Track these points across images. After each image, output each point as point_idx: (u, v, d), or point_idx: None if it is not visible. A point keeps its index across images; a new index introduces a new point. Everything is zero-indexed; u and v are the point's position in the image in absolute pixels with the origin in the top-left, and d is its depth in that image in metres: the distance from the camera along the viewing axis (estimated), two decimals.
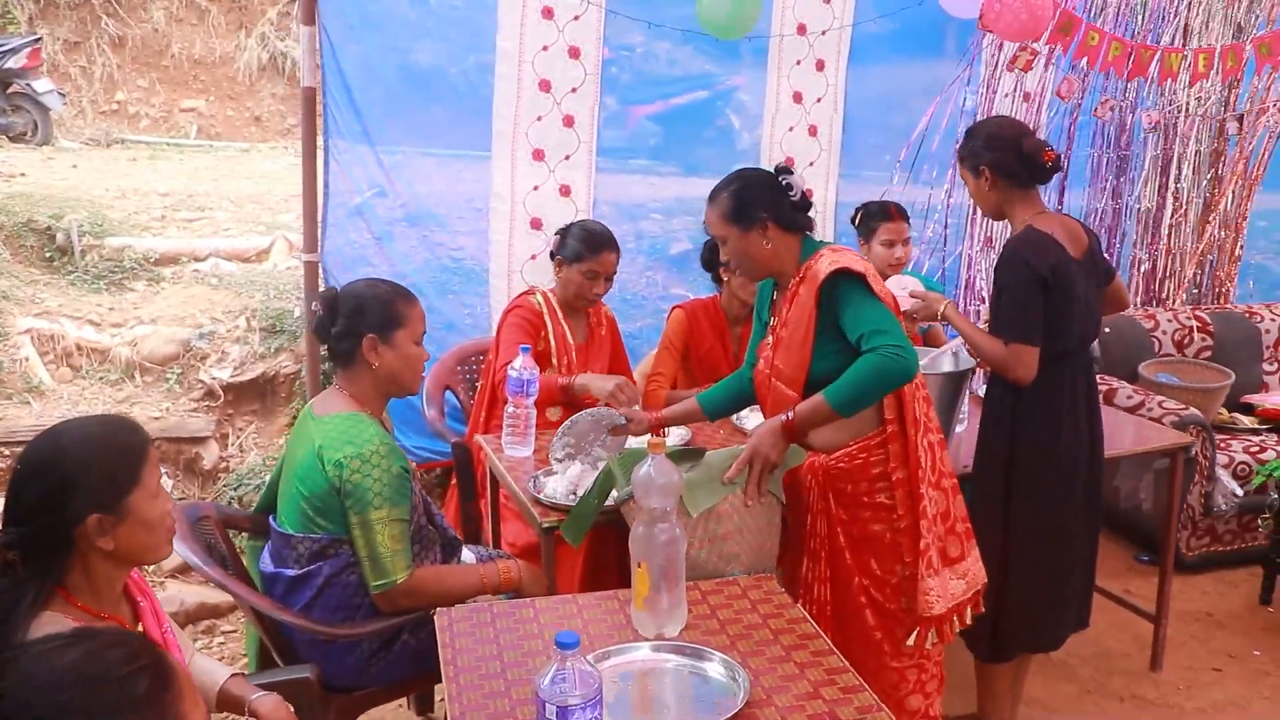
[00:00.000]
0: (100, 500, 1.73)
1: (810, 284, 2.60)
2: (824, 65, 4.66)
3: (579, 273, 3.55)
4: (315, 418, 2.57)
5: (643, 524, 2.20)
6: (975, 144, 3.10)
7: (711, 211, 2.73)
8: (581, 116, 4.38)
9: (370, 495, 2.44)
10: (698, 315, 3.87)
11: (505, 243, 4.41)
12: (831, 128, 4.75)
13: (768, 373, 2.75)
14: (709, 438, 3.49)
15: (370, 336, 2.55)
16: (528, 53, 4.26)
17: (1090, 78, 4.60)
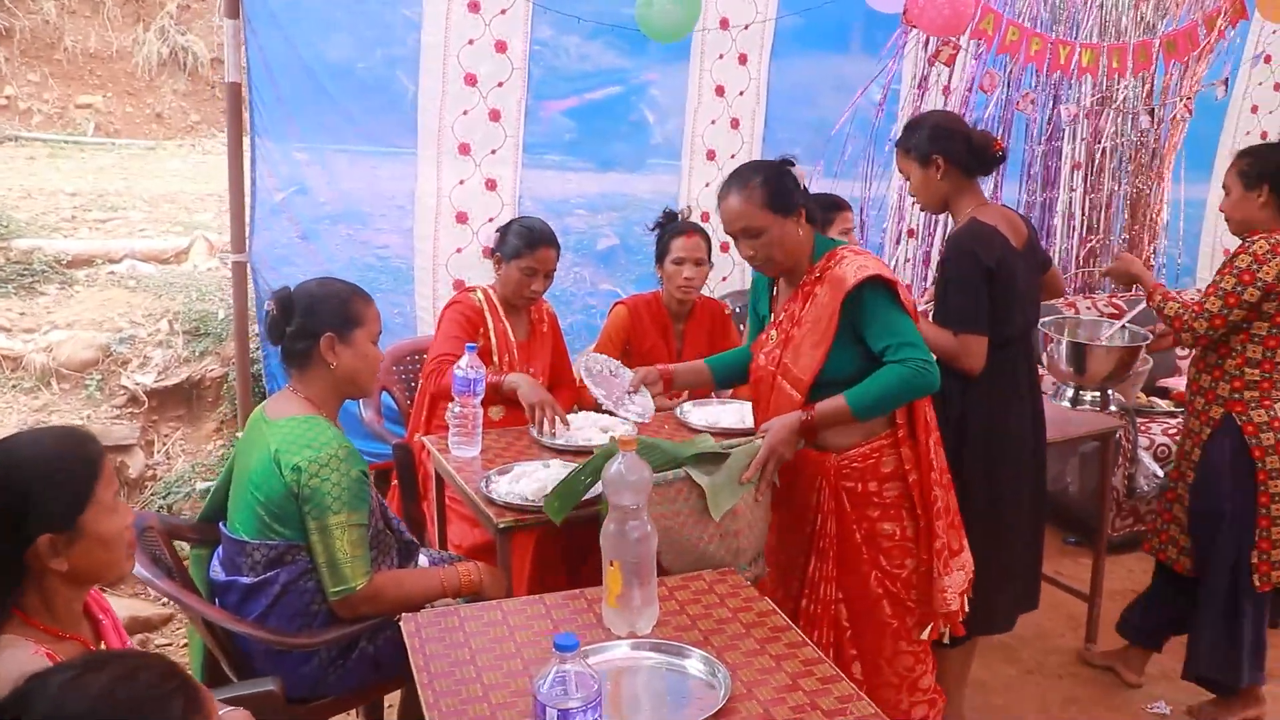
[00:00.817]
0: (51, 520, 1.64)
1: (835, 287, 2.57)
2: (746, 59, 4.69)
3: (518, 270, 3.52)
4: (269, 421, 2.49)
5: (614, 522, 2.19)
6: (921, 135, 3.13)
7: (743, 201, 2.60)
8: (508, 111, 4.35)
9: (329, 500, 2.38)
10: (640, 311, 3.87)
11: (431, 237, 4.37)
12: (754, 121, 4.79)
13: (772, 370, 2.69)
14: (654, 430, 3.48)
15: (328, 335, 2.48)
16: (453, 47, 4.21)
17: (1016, 72, 4.70)
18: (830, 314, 2.55)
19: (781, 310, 2.72)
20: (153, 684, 1.16)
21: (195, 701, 1.19)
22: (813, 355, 2.58)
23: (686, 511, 2.46)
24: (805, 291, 2.65)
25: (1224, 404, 3.29)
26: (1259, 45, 5.62)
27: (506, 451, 3.26)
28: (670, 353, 3.89)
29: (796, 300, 2.67)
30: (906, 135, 3.23)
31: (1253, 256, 3.17)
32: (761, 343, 2.78)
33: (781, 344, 2.68)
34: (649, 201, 4.95)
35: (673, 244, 3.78)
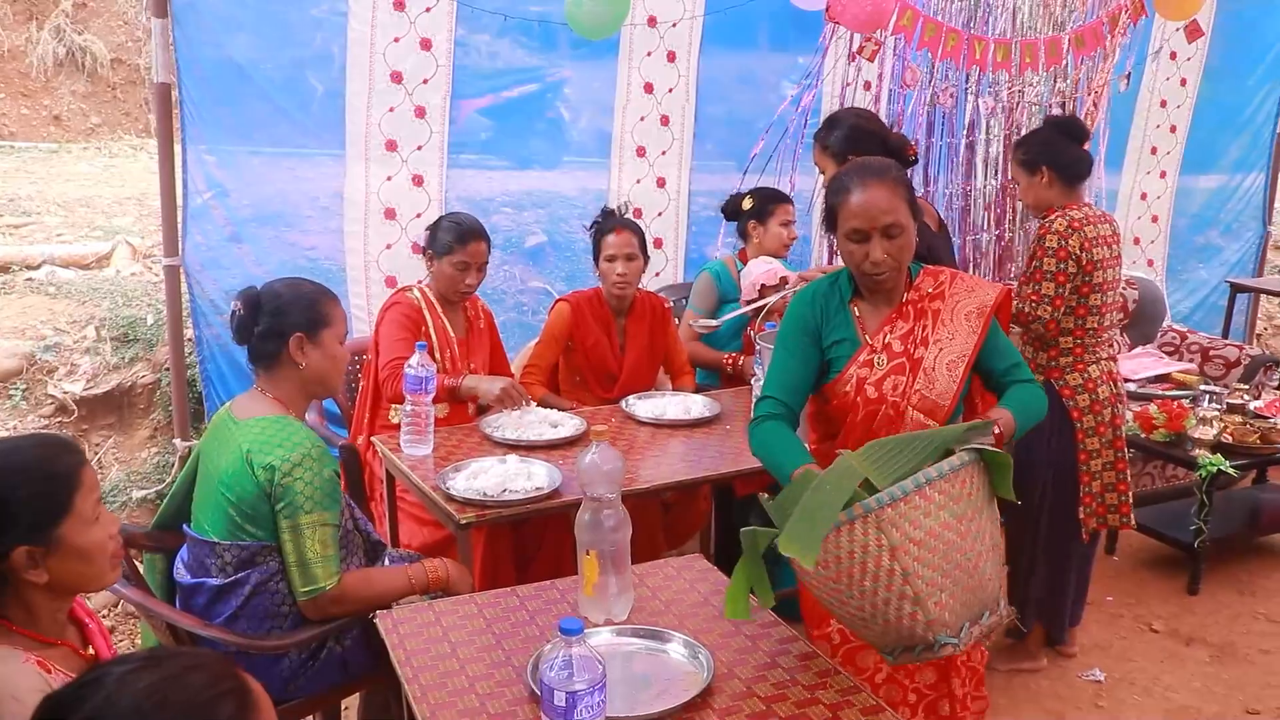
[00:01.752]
0: (27, 531, 1.61)
1: (970, 304, 2.42)
2: (675, 56, 4.74)
3: (450, 265, 3.53)
4: (237, 421, 2.48)
5: (589, 511, 2.22)
6: (839, 134, 3.27)
7: (890, 195, 2.36)
8: (433, 108, 4.34)
9: (301, 499, 2.38)
10: (582, 308, 3.90)
11: (360, 234, 4.33)
12: (684, 117, 4.83)
13: (897, 400, 2.40)
14: (601, 424, 3.52)
15: (298, 335, 2.49)
16: (380, 44, 4.18)
17: (938, 68, 4.83)
18: (971, 330, 2.40)
19: (883, 333, 2.45)
20: (203, 685, 1.15)
21: (247, 706, 1.18)
22: (952, 376, 2.38)
23: (971, 514, 1.93)
24: (919, 310, 2.45)
25: (1043, 371, 3.51)
26: (1159, 42, 5.87)
27: (458, 449, 3.27)
28: (613, 348, 3.93)
29: (908, 320, 2.45)
30: (824, 132, 3.35)
31: (1058, 235, 3.40)
32: (855, 375, 2.44)
33: (904, 370, 2.41)
34: (574, 199, 4.99)
35: (604, 241, 3.82)
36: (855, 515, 1.82)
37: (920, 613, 1.83)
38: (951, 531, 1.85)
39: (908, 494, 1.79)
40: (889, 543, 1.80)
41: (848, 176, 2.40)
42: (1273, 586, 4.33)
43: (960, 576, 1.88)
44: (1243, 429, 4.30)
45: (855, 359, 2.45)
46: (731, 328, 4.32)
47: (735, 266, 4.33)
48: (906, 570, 1.81)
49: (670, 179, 4.88)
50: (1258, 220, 6.56)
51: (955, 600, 1.87)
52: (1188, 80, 6.13)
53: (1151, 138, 6.18)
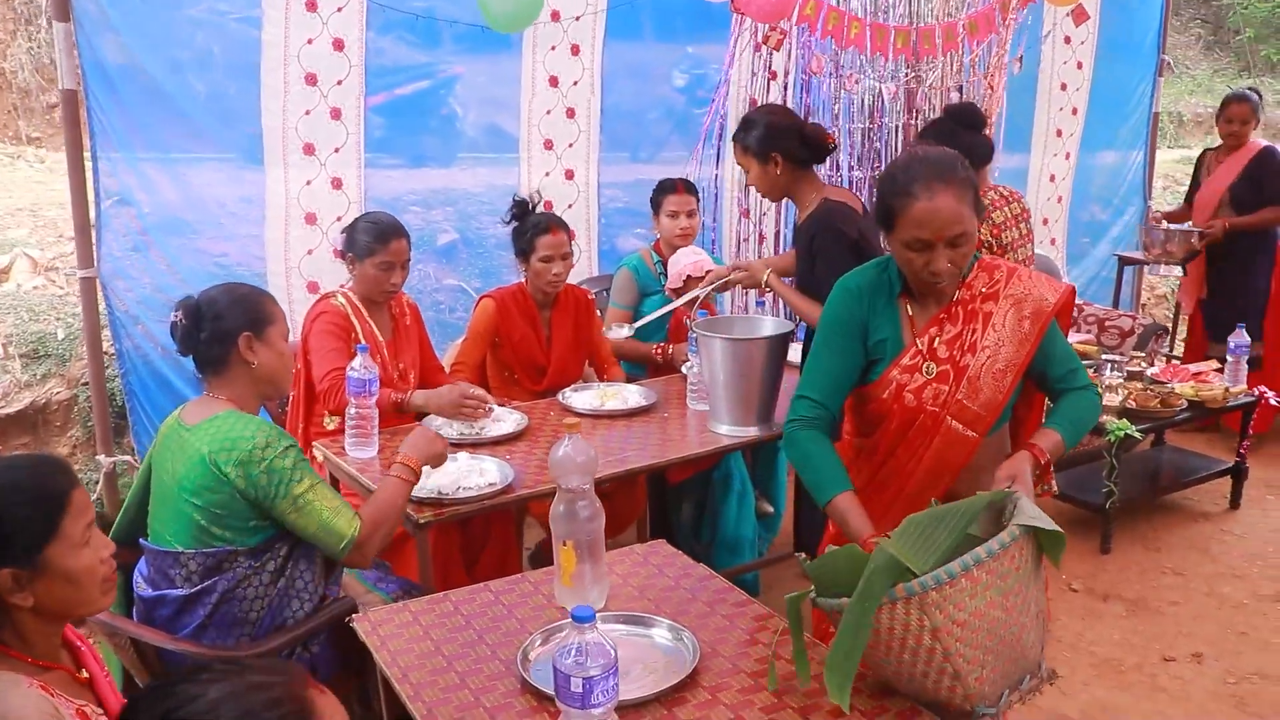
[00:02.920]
0: (14, 554, 1.58)
1: (1032, 306, 2.27)
2: (579, 49, 4.77)
3: (373, 266, 3.50)
4: (189, 427, 2.45)
5: (563, 503, 2.25)
6: (757, 133, 3.34)
7: (960, 202, 2.16)
8: (348, 109, 4.30)
9: (286, 473, 2.39)
10: (508, 304, 3.90)
11: (281, 240, 4.27)
12: (590, 110, 4.86)
13: (936, 410, 2.28)
14: (541, 417, 3.55)
15: (246, 335, 2.48)
16: (294, 46, 4.12)
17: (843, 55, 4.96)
18: (1025, 336, 2.25)
19: (930, 335, 2.30)
20: (260, 707, 1.15)
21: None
22: (998, 386, 2.24)
23: (1019, 588, 1.80)
24: (970, 312, 2.29)
25: None
26: (1050, 25, 6.10)
27: None
28: (540, 341, 3.95)
29: (956, 323, 2.29)
30: (743, 132, 3.41)
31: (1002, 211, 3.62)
32: (895, 380, 2.32)
33: (948, 378, 2.27)
34: (480, 194, 4.95)
35: (538, 242, 3.82)
36: (898, 597, 1.75)
37: (960, 687, 1.79)
38: (997, 609, 1.76)
39: (954, 577, 1.71)
40: (931, 624, 1.73)
41: (911, 177, 2.18)
42: (1175, 542, 4.57)
43: (1003, 650, 1.80)
44: (1144, 394, 4.53)
45: (898, 362, 2.31)
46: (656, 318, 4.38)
47: (651, 258, 4.38)
48: (949, 650, 1.75)
49: (579, 171, 4.91)
50: (1139, 196, 6.88)
51: (996, 673, 1.81)
52: (1083, 63, 6.40)
53: (1055, 120, 6.43)
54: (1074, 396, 2.32)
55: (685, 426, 3.53)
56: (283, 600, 2.52)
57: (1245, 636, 3.84)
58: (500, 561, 3.51)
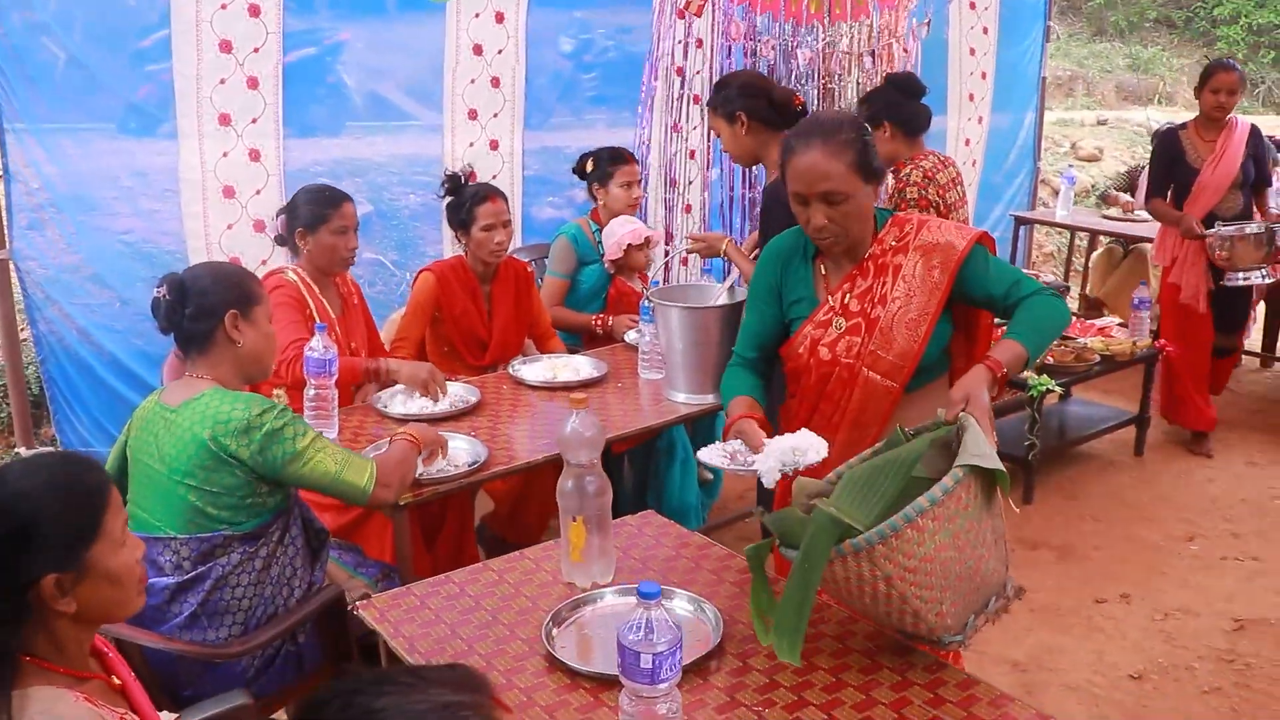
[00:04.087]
0: (57, 557, 1.48)
1: (941, 254, 2.28)
2: (503, 17, 4.68)
3: (329, 232, 3.38)
4: (173, 408, 2.37)
5: (571, 479, 2.23)
6: (729, 93, 3.35)
7: (830, 158, 2.21)
8: (265, 77, 4.14)
9: (287, 434, 2.37)
10: (448, 277, 3.83)
11: (200, 215, 4.11)
12: (514, 78, 4.78)
13: (851, 362, 2.32)
14: (494, 391, 3.50)
15: (232, 313, 2.42)
16: (205, 12, 3.94)
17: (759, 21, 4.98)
18: (934, 285, 2.27)
19: (842, 292, 2.35)
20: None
21: None
22: (912, 335, 2.27)
23: (970, 525, 1.84)
24: (880, 266, 2.32)
25: None
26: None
27: (361, 429, 3.19)
28: (481, 315, 3.89)
29: (867, 277, 2.33)
30: (715, 94, 3.44)
31: (916, 185, 3.68)
32: (809, 335, 2.38)
33: (860, 330, 2.32)
34: (387, 164, 4.79)
35: (479, 210, 3.75)
36: (845, 552, 1.77)
37: (923, 624, 1.84)
38: (948, 550, 1.79)
39: (898, 530, 1.74)
40: (883, 574, 1.77)
41: (795, 135, 2.29)
42: (1091, 490, 4.79)
43: (961, 585, 1.84)
44: (1060, 350, 4.71)
45: (812, 318, 2.37)
46: (591, 288, 4.35)
47: (590, 228, 4.35)
48: (904, 595, 1.79)
49: (504, 140, 4.82)
50: (1030, 158, 7.12)
51: (957, 606, 1.85)
52: (988, 29, 6.55)
53: (968, 85, 6.57)
54: (1027, 304, 2.27)
55: (641, 396, 3.53)
56: (275, 588, 2.46)
57: (1165, 576, 4.04)
58: (457, 538, 3.46)
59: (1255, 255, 4.72)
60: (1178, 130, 5.05)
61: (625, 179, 4.32)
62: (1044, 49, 7.00)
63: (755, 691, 1.87)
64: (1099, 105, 13.71)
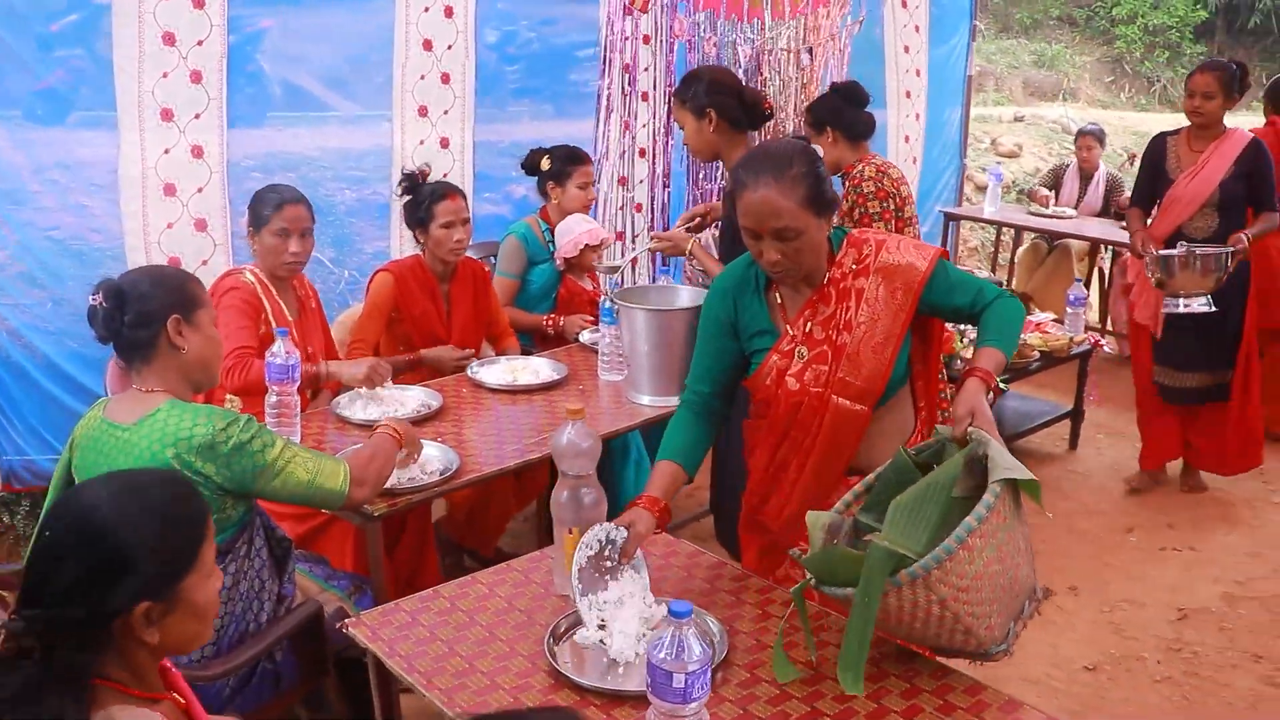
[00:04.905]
0: (151, 587, 1.43)
1: (902, 276, 2.25)
2: (453, 11, 4.60)
3: (270, 234, 3.31)
4: (126, 427, 2.26)
5: (566, 489, 2.21)
6: (698, 88, 3.35)
7: (782, 196, 2.14)
8: (210, 71, 4.00)
9: (256, 445, 2.28)
10: (406, 277, 3.76)
11: (139, 214, 3.95)
12: (465, 74, 4.70)
13: (820, 390, 2.28)
14: (454, 395, 3.45)
15: (174, 318, 2.30)
16: (148, 2, 3.79)
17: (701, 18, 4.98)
18: (899, 307, 2.25)
19: (804, 320, 2.31)
20: None
21: None
22: (879, 359, 2.25)
23: (1009, 537, 1.88)
24: (842, 291, 2.28)
25: None
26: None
27: (322, 434, 3.13)
28: (441, 315, 3.83)
29: (829, 303, 2.29)
30: (684, 88, 3.42)
31: (871, 179, 3.71)
32: (774, 366, 2.33)
33: (826, 358, 2.28)
34: (320, 160, 4.61)
35: (438, 209, 3.69)
36: (902, 583, 1.79)
37: (973, 639, 1.87)
38: (994, 564, 1.83)
39: (952, 553, 1.76)
40: (938, 597, 1.79)
41: (745, 168, 2.21)
42: None
43: (1004, 595, 1.88)
44: None
45: (776, 348, 2.33)
46: (541, 288, 4.31)
47: (539, 226, 4.31)
48: (957, 614, 1.81)
49: (454, 137, 4.75)
50: (957, 154, 7.24)
51: (1002, 616, 1.90)
52: (920, 27, 6.63)
53: (904, 82, 6.64)
54: (992, 309, 2.30)
55: (604, 398, 3.51)
56: (245, 604, 2.39)
57: (1109, 567, 4.15)
58: (418, 546, 3.40)
59: (1200, 281, 4.20)
60: (1167, 136, 4.58)
61: (583, 179, 4.28)
62: (970, 47, 7.11)
63: (767, 703, 1.88)
64: (1009, 101, 14.01)
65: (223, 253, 4.13)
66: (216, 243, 4.12)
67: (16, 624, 1.37)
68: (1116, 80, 16.84)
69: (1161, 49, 16.93)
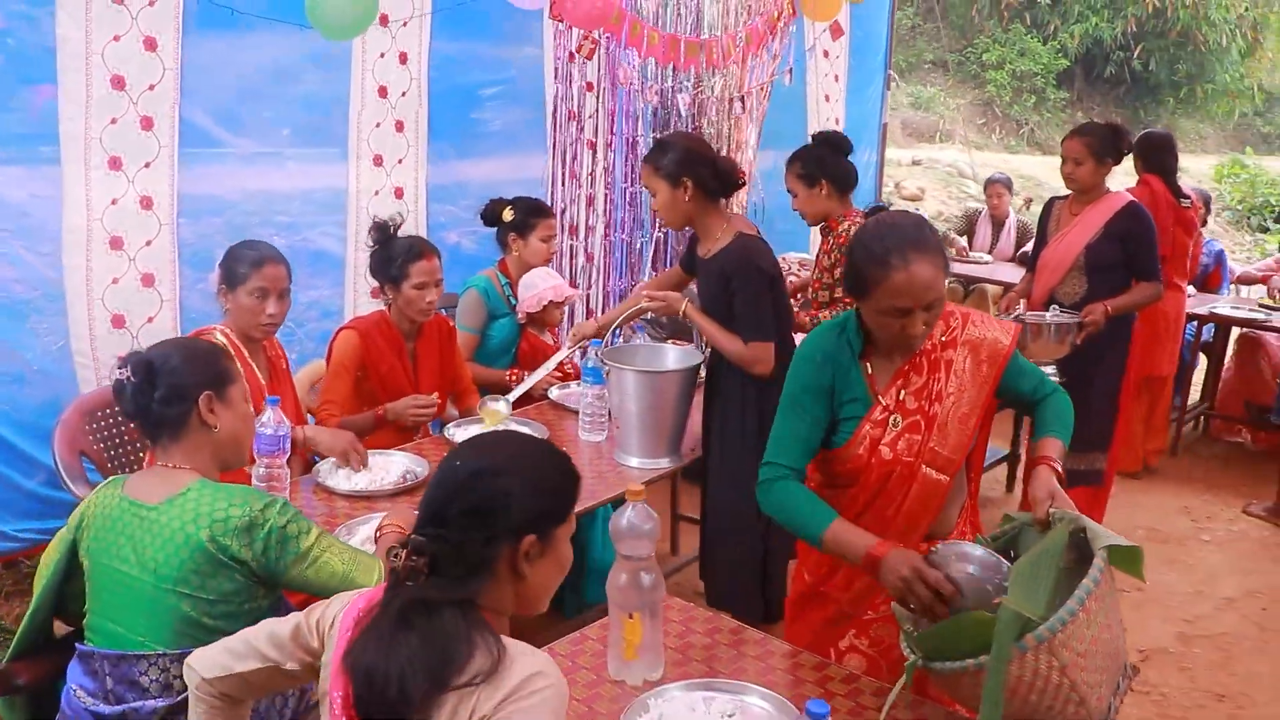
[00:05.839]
0: (538, 524, 1.63)
1: (988, 350, 2.31)
2: (407, 58, 4.49)
3: (246, 294, 3.17)
4: (152, 506, 2.14)
5: (625, 573, 2.15)
6: (674, 157, 3.30)
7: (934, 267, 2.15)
8: (161, 117, 3.81)
9: (292, 530, 2.17)
10: (373, 335, 3.62)
11: (83, 268, 3.72)
12: (418, 121, 4.59)
13: (910, 460, 2.30)
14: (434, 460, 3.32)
15: (207, 394, 2.22)
16: (96, 43, 3.60)
17: (643, 66, 4.98)
18: (984, 380, 2.30)
19: (895, 389, 2.31)
20: None
21: None
22: (964, 430, 2.29)
23: (1112, 604, 1.93)
24: (932, 361, 2.32)
25: None
26: (812, 40, 6.39)
27: (307, 506, 3.01)
28: (408, 373, 3.70)
29: (921, 374, 2.32)
30: (658, 153, 3.36)
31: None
32: (868, 435, 2.31)
33: (919, 427, 2.30)
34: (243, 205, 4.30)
35: (412, 269, 3.57)
36: (1028, 647, 1.79)
37: (1084, 709, 1.87)
38: (1105, 630, 1.87)
39: (1074, 614, 1.78)
40: (1060, 663, 1.80)
41: (889, 249, 2.16)
42: None
43: (1110, 665, 1.91)
44: None
45: (869, 417, 2.31)
46: (501, 343, 4.22)
47: (499, 279, 4.23)
48: (1075, 682, 1.82)
49: (408, 186, 4.62)
50: (873, 200, 7.39)
51: (1108, 687, 1.92)
52: (839, 76, 6.76)
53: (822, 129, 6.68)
54: (1050, 402, 2.41)
55: (590, 461, 3.44)
56: (269, 701, 2.25)
57: None
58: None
59: (1052, 349, 4.12)
60: (1056, 200, 4.65)
61: (546, 232, 4.22)
62: (884, 95, 7.30)
63: None
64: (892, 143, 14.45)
65: (170, 309, 3.92)
66: (164, 299, 3.91)
67: (419, 541, 1.55)
68: (988, 123, 17.53)
69: (1028, 93, 17.71)
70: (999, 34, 17.94)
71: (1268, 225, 13.11)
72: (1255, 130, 19.69)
